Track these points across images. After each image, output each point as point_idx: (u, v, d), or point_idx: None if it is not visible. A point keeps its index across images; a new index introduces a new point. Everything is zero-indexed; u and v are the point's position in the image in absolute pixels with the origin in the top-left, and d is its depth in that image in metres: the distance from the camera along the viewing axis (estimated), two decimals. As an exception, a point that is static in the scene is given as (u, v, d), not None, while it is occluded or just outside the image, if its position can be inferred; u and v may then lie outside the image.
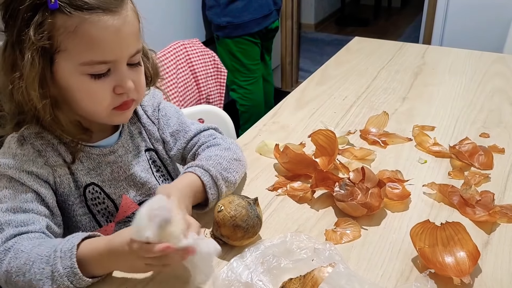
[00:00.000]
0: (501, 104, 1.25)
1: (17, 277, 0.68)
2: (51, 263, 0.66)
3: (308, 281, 0.61)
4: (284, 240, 0.73)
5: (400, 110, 1.24)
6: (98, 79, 0.75)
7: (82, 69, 0.74)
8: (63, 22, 0.71)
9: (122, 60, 0.76)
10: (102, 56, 0.73)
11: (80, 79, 0.75)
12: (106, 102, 0.78)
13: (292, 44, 3.32)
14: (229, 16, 2.33)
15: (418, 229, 0.75)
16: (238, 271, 0.69)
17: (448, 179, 0.95)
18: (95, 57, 0.73)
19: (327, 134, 1.00)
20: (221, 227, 0.76)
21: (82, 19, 0.70)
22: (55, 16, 0.70)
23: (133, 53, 0.77)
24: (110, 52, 0.74)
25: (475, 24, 2.49)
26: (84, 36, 0.71)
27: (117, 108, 0.80)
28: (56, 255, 0.67)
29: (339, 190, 0.87)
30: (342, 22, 4.85)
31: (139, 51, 0.79)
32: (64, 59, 0.74)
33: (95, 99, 0.77)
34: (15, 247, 0.69)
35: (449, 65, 1.51)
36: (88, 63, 0.73)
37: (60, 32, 0.71)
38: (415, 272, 0.73)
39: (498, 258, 0.76)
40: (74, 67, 0.74)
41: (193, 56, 1.80)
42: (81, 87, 0.76)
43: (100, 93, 0.77)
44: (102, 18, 0.71)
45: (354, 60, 1.59)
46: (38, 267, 0.67)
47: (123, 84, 0.77)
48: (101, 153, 0.85)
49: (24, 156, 0.78)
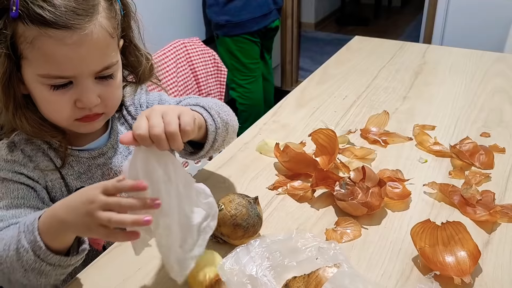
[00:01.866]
0: (502, 103, 1.25)
1: (1, 266, 0.67)
2: (16, 241, 0.65)
3: (312, 280, 0.61)
4: (290, 237, 0.73)
5: (401, 109, 1.24)
6: (57, 90, 0.73)
7: (41, 80, 0.72)
8: (23, 32, 0.69)
9: (83, 75, 0.73)
10: (59, 71, 0.71)
11: (40, 89, 0.73)
12: (65, 114, 0.75)
13: (292, 43, 3.31)
14: (228, 14, 2.32)
15: (419, 229, 0.75)
16: (243, 261, 0.68)
17: (449, 178, 0.95)
18: (52, 71, 0.71)
19: (328, 133, 0.99)
20: (221, 226, 0.76)
21: (39, 33, 0.68)
22: (17, 24, 0.69)
23: (98, 70, 0.74)
24: (67, 68, 0.71)
25: (476, 24, 2.48)
26: (40, 49, 0.69)
27: (80, 120, 0.77)
28: (20, 231, 0.65)
29: (339, 189, 0.87)
30: (342, 21, 4.85)
31: (108, 67, 0.75)
32: (26, 66, 0.72)
33: (54, 110, 0.76)
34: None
35: (450, 64, 1.51)
36: (45, 76, 0.71)
37: (21, 41, 0.70)
38: (415, 271, 0.73)
39: (498, 257, 0.76)
40: (34, 76, 0.72)
41: (193, 55, 1.79)
42: (40, 96, 0.74)
43: (59, 105, 0.74)
44: (58, 34, 0.68)
45: (354, 59, 1.59)
46: (12, 249, 0.66)
47: (83, 100, 0.74)
48: (91, 156, 0.84)
49: (14, 162, 0.78)
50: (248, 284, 0.66)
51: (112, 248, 0.80)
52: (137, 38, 0.86)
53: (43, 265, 0.65)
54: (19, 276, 0.66)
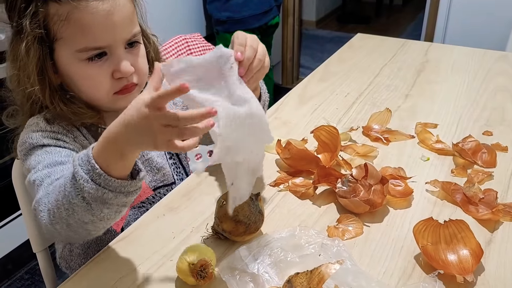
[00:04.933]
0: (504, 102, 1.24)
1: (59, 210, 0.65)
2: (71, 177, 0.63)
3: (314, 277, 0.61)
4: (293, 234, 0.73)
5: (403, 107, 1.23)
6: (94, 63, 0.76)
7: (79, 56, 0.75)
8: (56, 11, 0.72)
9: (117, 44, 0.76)
10: (95, 41, 0.74)
11: (79, 66, 0.76)
12: (106, 87, 0.78)
13: (293, 41, 3.31)
14: (229, 11, 2.33)
15: (421, 227, 0.75)
16: (245, 260, 0.68)
17: (451, 176, 0.95)
18: (89, 43, 0.74)
19: (330, 130, 0.99)
20: (223, 222, 0.76)
21: (72, 6, 0.72)
22: (48, 5, 0.72)
23: (128, 37, 0.78)
24: (103, 37, 0.75)
25: (478, 23, 2.48)
26: (76, 23, 0.72)
27: (118, 92, 0.80)
28: (75, 164, 0.63)
29: (341, 187, 0.86)
30: (343, 19, 4.84)
31: (135, 34, 0.79)
32: (61, 47, 0.75)
33: (95, 85, 0.78)
34: (52, 187, 0.68)
35: (452, 62, 1.51)
36: (83, 50, 0.75)
37: (54, 21, 0.73)
38: (417, 269, 0.73)
39: (501, 256, 0.75)
40: (72, 54, 0.75)
41: (194, 51, 1.79)
42: (80, 74, 0.77)
43: (99, 79, 0.77)
44: (91, 4, 0.72)
45: (356, 56, 1.58)
46: (69, 186, 0.63)
47: (121, 68, 0.77)
48: None
49: (54, 132, 0.79)
50: (250, 282, 0.66)
51: (112, 244, 0.80)
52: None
53: (105, 192, 0.62)
54: (81, 212, 0.63)
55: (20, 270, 1.85)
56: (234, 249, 0.75)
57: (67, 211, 0.64)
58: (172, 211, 0.87)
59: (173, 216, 0.86)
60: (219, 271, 0.68)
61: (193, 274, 0.66)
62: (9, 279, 1.82)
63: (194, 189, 0.93)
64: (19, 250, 1.82)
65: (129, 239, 0.80)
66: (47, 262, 0.99)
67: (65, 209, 0.64)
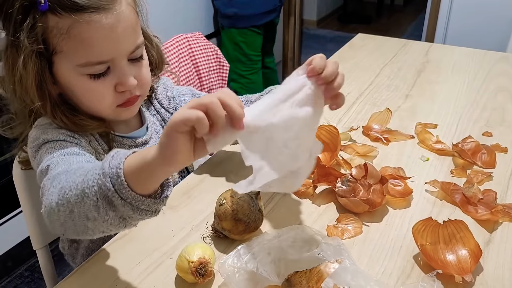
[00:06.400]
0: (504, 103, 1.25)
1: (71, 193, 0.59)
2: (100, 167, 0.57)
3: (313, 276, 0.61)
4: (292, 233, 0.73)
5: (403, 107, 1.24)
6: (98, 79, 0.73)
7: (80, 70, 0.72)
8: (55, 24, 0.68)
9: (120, 58, 0.73)
10: (98, 56, 0.71)
11: (80, 80, 0.73)
12: (108, 101, 0.76)
13: (294, 40, 3.31)
14: (236, 7, 2.38)
15: (420, 227, 0.75)
16: (244, 258, 0.68)
17: (451, 177, 0.95)
18: (91, 58, 0.70)
19: (330, 129, 0.99)
20: (223, 220, 0.76)
21: (74, 20, 0.67)
22: (47, 18, 0.68)
23: (132, 50, 0.74)
24: (106, 52, 0.71)
25: (479, 23, 2.48)
26: (77, 38, 0.68)
27: (121, 105, 0.78)
28: (107, 158, 0.57)
29: (341, 186, 0.87)
30: (344, 19, 4.84)
31: (139, 46, 0.76)
32: (61, 60, 0.71)
33: (97, 99, 0.75)
34: (76, 165, 0.65)
35: (453, 63, 1.51)
36: (85, 65, 0.71)
37: (53, 34, 0.69)
38: (416, 269, 0.73)
39: (500, 256, 0.75)
40: (72, 68, 0.72)
41: (195, 50, 1.79)
42: (81, 88, 0.74)
43: (101, 93, 0.74)
44: (93, 18, 0.68)
45: (357, 56, 1.58)
46: (92, 174, 0.57)
47: (124, 82, 0.74)
48: (134, 144, 0.85)
49: (71, 131, 0.77)
50: (249, 280, 0.66)
51: (112, 241, 0.80)
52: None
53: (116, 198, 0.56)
54: (88, 206, 0.57)
55: (20, 267, 1.86)
56: (233, 247, 0.75)
57: (77, 197, 0.59)
58: (172, 209, 0.87)
59: (173, 214, 0.86)
60: (219, 269, 0.69)
61: (192, 272, 0.67)
62: (9, 276, 1.82)
63: (194, 187, 0.93)
64: (19, 247, 1.82)
65: (129, 237, 0.81)
66: (47, 259, 1.00)
67: (75, 194, 0.59)
